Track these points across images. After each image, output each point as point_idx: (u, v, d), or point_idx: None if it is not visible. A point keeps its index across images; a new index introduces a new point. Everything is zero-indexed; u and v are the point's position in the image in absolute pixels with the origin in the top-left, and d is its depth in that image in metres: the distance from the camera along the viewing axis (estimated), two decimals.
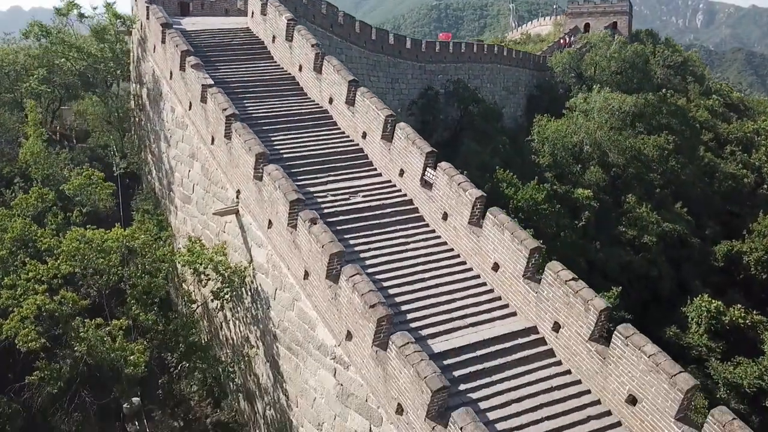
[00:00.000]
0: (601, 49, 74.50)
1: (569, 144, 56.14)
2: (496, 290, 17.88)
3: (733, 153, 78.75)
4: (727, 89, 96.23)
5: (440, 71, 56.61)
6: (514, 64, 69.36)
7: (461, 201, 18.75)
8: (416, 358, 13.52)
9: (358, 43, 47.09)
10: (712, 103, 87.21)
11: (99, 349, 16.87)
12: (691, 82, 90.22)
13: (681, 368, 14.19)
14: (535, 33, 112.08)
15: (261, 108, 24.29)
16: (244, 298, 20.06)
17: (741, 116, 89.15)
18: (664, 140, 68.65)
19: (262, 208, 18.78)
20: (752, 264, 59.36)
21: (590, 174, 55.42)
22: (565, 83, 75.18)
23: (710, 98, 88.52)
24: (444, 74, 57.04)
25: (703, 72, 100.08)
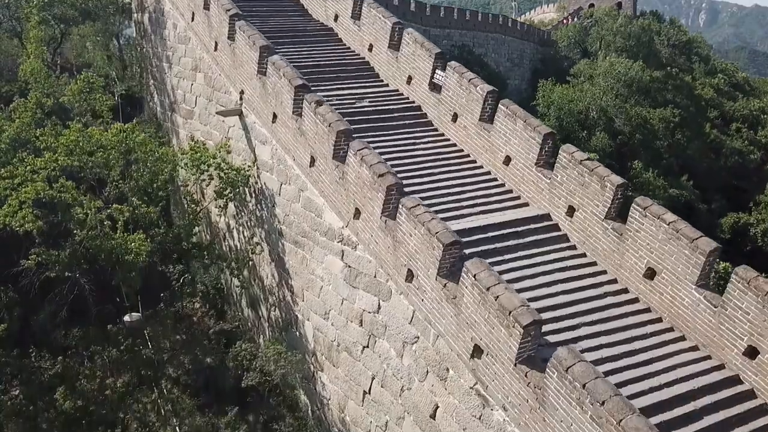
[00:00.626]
0: (607, 24, 73.84)
1: (575, 110, 55.54)
2: (508, 184, 17.36)
3: (739, 130, 78.11)
4: (733, 69, 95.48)
5: (445, 36, 56.04)
6: (519, 36, 68.82)
7: (472, 98, 18.22)
8: (427, 217, 12.99)
9: None
10: (718, 81, 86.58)
11: (98, 235, 16.35)
12: (696, 61, 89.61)
13: (701, 233, 13.68)
14: (538, 20, 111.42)
15: (264, 26, 23.72)
16: (248, 201, 19.54)
17: (747, 96, 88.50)
18: (670, 113, 68.08)
19: (266, 103, 18.26)
20: (759, 236, 58.78)
21: (596, 140, 54.81)
22: (571, 58, 74.57)
23: (715, 77, 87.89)
24: (449, 40, 56.50)
25: (708, 53, 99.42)
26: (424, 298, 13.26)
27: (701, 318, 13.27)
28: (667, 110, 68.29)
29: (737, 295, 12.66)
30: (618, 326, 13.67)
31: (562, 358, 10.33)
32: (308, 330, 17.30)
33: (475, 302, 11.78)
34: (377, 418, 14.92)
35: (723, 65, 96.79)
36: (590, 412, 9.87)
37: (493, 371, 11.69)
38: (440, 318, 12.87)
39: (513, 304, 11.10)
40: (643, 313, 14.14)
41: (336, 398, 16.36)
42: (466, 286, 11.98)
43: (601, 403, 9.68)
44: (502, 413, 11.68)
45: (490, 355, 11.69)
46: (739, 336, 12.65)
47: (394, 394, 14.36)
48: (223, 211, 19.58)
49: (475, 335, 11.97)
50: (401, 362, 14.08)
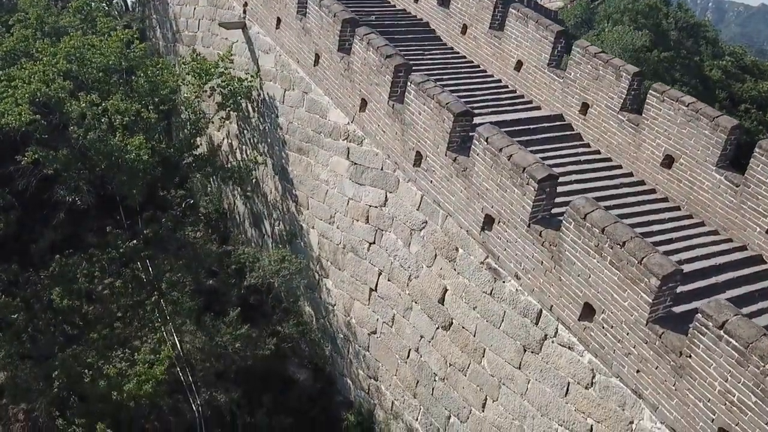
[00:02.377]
0: (614, 2, 73.13)
1: None
2: (519, 89, 16.80)
3: (747, 111, 77.41)
4: (741, 52, 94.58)
5: None
6: None
7: (482, 5, 17.66)
8: (437, 90, 12.47)
9: None
10: (726, 63, 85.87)
11: (97, 136, 15.83)
12: (704, 44, 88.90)
13: (720, 112, 13.14)
14: None
15: None
16: (251, 117, 19.01)
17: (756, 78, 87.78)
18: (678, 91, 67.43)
19: (269, 10, 17.74)
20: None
21: None
22: (579, 37, 73.93)
23: (723, 59, 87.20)
24: None
25: (716, 36, 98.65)
26: (432, 179, 12.74)
27: (722, 200, 12.72)
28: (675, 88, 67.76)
29: (760, 169, 12.12)
30: (634, 213, 13.10)
31: (579, 206, 9.81)
32: (313, 238, 16.77)
33: (487, 168, 11.26)
34: (384, 314, 14.39)
35: (731, 48, 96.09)
36: (610, 257, 9.34)
37: (505, 239, 11.16)
38: (449, 196, 12.34)
39: (527, 161, 10.58)
40: (661, 202, 13.58)
41: (341, 302, 15.82)
42: (477, 153, 11.45)
43: (622, 245, 9.15)
44: (515, 283, 11.16)
45: (502, 222, 11.16)
46: (763, 213, 12.10)
47: (401, 285, 13.83)
48: (224, 130, 19.06)
49: (486, 205, 11.45)
50: (408, 251, 13.55)
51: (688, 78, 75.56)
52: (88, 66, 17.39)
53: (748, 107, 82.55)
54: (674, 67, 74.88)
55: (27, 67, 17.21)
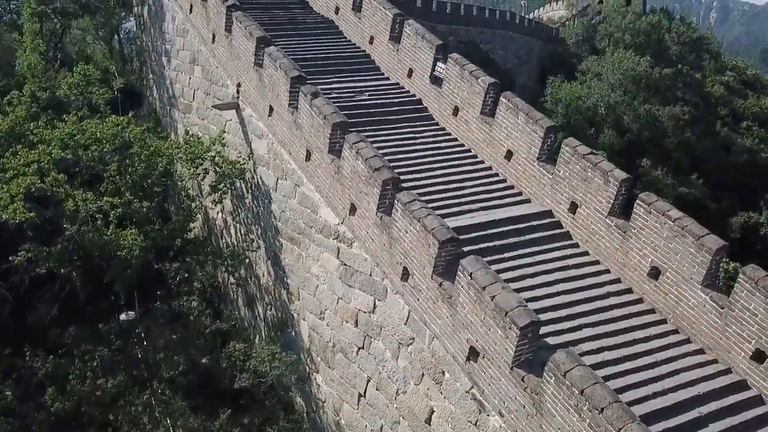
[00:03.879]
0: (616, 20, 73.09)
1: (583, 107, 54.90)
2: (509, 179, 16.89)
3: (749, 128, 77.21)
4: (743, 66, 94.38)
5: (451, 32, 55.42)
6: (527, 33, 68.20)
7: (473, 90, 17.75)
8: (422, 213, 12.54)
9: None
10: (728, 79, 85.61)
11: (90, 230, 15.98)
12: (707, 59, 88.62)
13: (708, 231, 13.18)
14: (547, 18, 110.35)
15: (263, 18, 23.32)
16: (245, 197, 19.13)
17: (758, 93, 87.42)
18: (679, 110, 67.34)
19: (262, 96, 17.83)
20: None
21: (604, 137, 54.16)
22: (579, 55, 73.85)
23: (725, 74, 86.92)
24: (455, 36, 55.93)
25: (718, 50, 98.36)
26: (419, 297, 12.82)
27: (707, 320, 12.78)
28: (676, 108, 67.58)
29: (744, 296, 12.17)
30: (621, 328, 13.21)
31: (559, 362, 9.87)
32: (304, 330, 16.88)
33: (471, 302, 11.33)
34: (372, 422, 14.48)
35: (733, 62, 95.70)
36: (588, 419, 9.41)
37: (489, 375, 11.24)
38: (436, 319, 12.42)
39: (510, 305, 10.64)
40: (647, 314, 13.67)
41: (331, 401, 15.93)
42: (462, 286, 11.53)
43: (600, 411, 9.22)
44: (499, 419, 11.23)
45: (486, 357, 11.24)
46: (747, 339, 12.15)
47: (389, 397, 13.92)
48: (219, 206, 19.19)
49: (471, 337, 11.52)
50: (396, 364, 13.64)
51: (690, 95, 75.58)
52: (82, 154, 17.49)
53: (750, 124, 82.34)
54: (676, 85, 74.91)
55: (22, 154, 17.35)
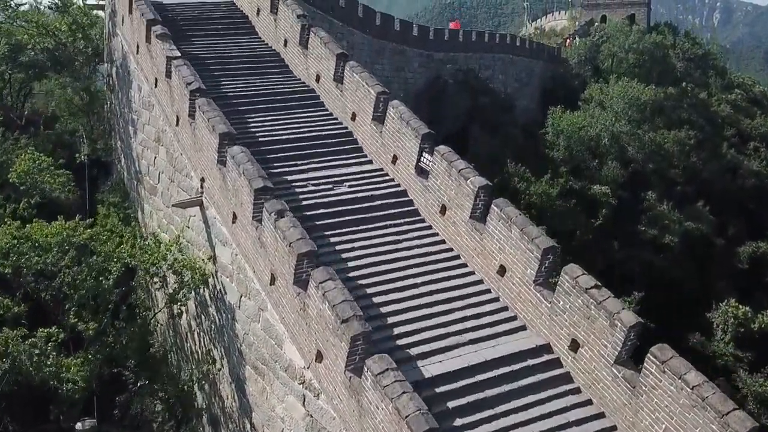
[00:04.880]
0: (619, 40, 71.13)
1: (586, 137, 52.92)
2: (503, 298, 14.94)
3: (757, 150, 75.29)
4: (750, 83, 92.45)
5: (449, 60, 53.52)
6: (528, 54, 66.13)
7: (462, 191, 15.83)
8: (397, 390, 10.60)
9: (361, 28, 44.13)
10: (734, 97, 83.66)
11: (27, 364, 14.12)
12: (712, 76, 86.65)
13: (734, 404, 11.18)
14: (549, 28, 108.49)
15: (238, 87, 21.47)
16: (209, 305, 17.23)
17: (765, 111, 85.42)
18: (685, 135, 65.45)
19: (226, 199, 15.92)
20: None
21: (607, 169, 52.19)
22: (582, 75, 71.90)
23: (732, 92, 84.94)
24: (453, 64, 53.96)
25: (724, 66, 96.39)
26: None
27: None
28: (682, 132, 65.65)
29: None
30: None
31: None
32: None
33: None
34: None
35: (740, 79, 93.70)
36: None
37: None
38: None
39: None
40: None
41: None
42: None
43: None
44: None
45: None
46: None
47: None
48: (179, 316, 17.31)
49: None
50: None
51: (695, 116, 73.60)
52: (22, 267, 15.61)
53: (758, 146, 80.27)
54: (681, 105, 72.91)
55: None
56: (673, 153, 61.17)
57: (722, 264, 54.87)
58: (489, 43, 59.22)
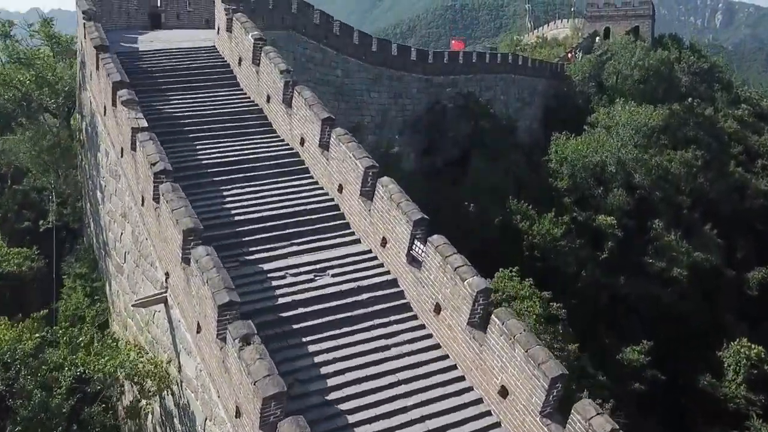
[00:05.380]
0: (624, 57, 69.23)
1: (590, 164, 51.04)
2: (505, 425, 13.08)
3: (765, 168, 73.48)
4: (757, 97, 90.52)
5: (449, 84, 51.70)
6: (530, 73, 64.29)
7: (459, 293, 13.98)
8: None
9: (357, 56, 42.36)
10: (741, 113, 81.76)
11: None
12: (718, 90, 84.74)
13: None
14: (551, 36, 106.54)
15: (215, 151, 19.65)
16: (174, 416, 15.36)
17: None
18: (692, 155, 63.65)
19: (190, 305, 14.08)
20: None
21: (613, 197, 50.32)
22: (585, 92, 70.03)
23: (739, 107, 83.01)
24: (453, 87, 52.15)
25: (731, 79, 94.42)
26: None
27: None
28: (688, 152, 63.82)
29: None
30: None
31: None
32: None
33: None
34: None
35: (746, 93, 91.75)
36: None
37: None
38: None
39: None
40: None
41: None
42: None
43: None
44: None
45: None
46: None
47: None
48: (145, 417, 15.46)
49: None
50: None
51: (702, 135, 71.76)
52: None
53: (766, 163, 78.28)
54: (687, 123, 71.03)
55: None
56: (680, 175, 59.35)
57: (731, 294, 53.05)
58: (490, 64, 57.38)
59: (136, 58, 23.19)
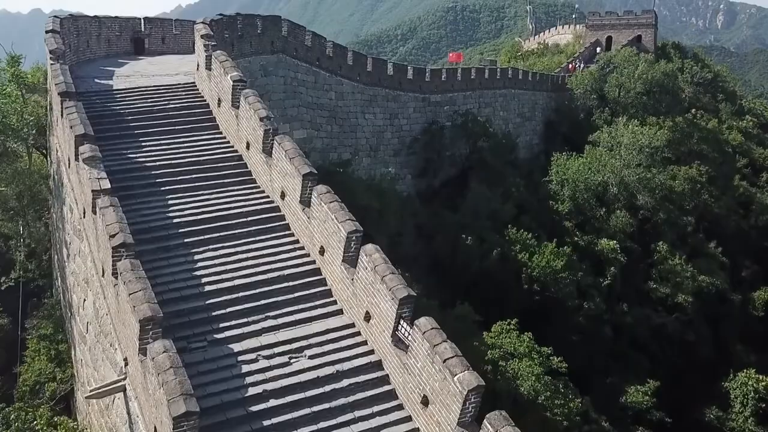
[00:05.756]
0: (627, 70, 67.81)
1: (592, 184, 49.58)
2: None
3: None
4: (761, 108, 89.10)
5: (447, 102, 50.33)
6: (530, 87, 62.94)
7: (448, 389, 12.51)
8: None
9: (351, 77, 41.00)
10: (746, 124, 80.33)
11: None
12: (722, 101, 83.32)
13: None
14: (553, 42, 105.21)
15: (189, 206, 18.20)
16: None
17: None
18: (696, 171, 62.31)
19: (148, 403, 12.63)
20: None
21: (616, 219, 48.88)
22: (587, 105, 68.61)
23: (743, 119, 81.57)
24: (451, 105, 50.78)
25: (734, 88, 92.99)
26: None
27: None
28: (692, 168, 62.44)
29: None
30: None
31: None
32: None
33: None
34: None
35: (751, 104, 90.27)
36: None
37: None
38: None
39: None
40: None
41: None
42: None
43: None
44: None
45: None
46: None
47: None
48: None
49: None
50: None
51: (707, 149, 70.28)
52: None
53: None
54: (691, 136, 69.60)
55: None
56: (685, 193, 57.95)
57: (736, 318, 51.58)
58: (490, 79, 56.01)
59: (109, 97, 21.78)
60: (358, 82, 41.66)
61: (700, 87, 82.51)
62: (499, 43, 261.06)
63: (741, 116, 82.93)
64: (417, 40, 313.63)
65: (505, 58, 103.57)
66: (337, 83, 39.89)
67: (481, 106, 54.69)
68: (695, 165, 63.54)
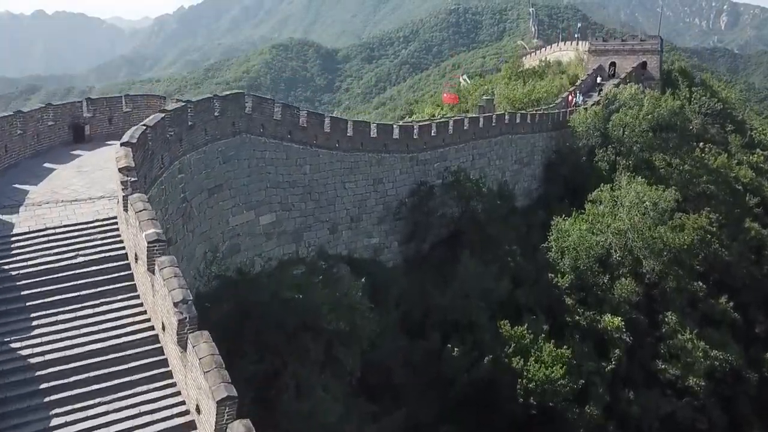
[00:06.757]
0: (633, 109, 63.90)
1: (594, 249, 45.62)
2: None
3: None
4: None
5: (437, 158, 46.37)
6: (529, 130, 59.00)
7: None
8: None
9: (329, 146, 37.04)
10: (757, 158, 76.34)
11: None
12: (731, 132, 79.32)
13: None
14: (554, 59, 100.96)
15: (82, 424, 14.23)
16: None
17: None
18: (705, 220, 58.36)
19: None
20: None
21: (620, 288, 44.89)
22: (589, 144, 64.60)
23: (754, 153, 77.58)
24: (441, 161, 46.81)
25: (744, 117, 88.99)
26: None
27: None
28: (701, 217, 58.46)
29: None
30: None
31: None
32: None
33: None
34: None
35: (761, 135, 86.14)
36: None
37: None
38: None
39: None
40: None
41: None
42: None
43: None
44: None
45: None
46: None
47: None
48: None
49: None
50: None
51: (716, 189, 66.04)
52: None
53: None
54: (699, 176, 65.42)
55: None
56: (693, 244, 53.94)
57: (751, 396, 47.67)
58: (485, 128, 52.03)
59: (6, 248, 17.81)
60: (337, 149, 37.72)
61: (708, 118, 78.54)
62: (501, 45, 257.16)
63: (752, 149, 79.01)
64: (419, 42, 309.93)
65: (505, 74, 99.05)
66: (313, 155, 35.95)
67: (475, 158, 50.80)
68: (704, 213, 59.63)
